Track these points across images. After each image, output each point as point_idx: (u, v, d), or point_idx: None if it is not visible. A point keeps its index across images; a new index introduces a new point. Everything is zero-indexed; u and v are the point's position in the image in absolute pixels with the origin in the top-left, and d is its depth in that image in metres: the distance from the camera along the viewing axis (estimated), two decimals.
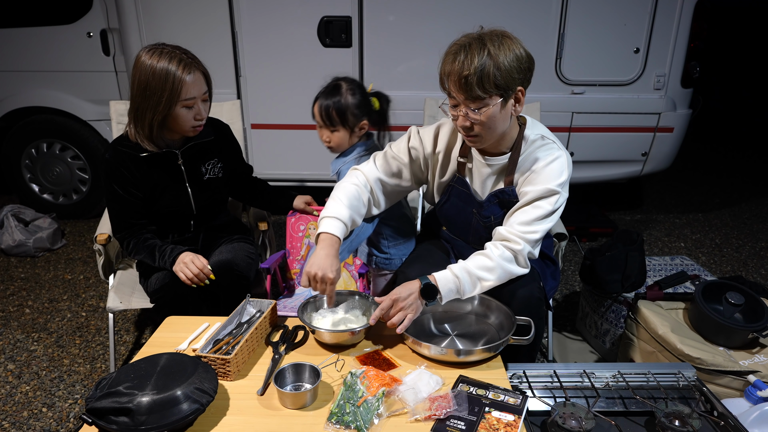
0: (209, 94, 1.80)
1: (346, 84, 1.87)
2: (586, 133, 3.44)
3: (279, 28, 3.22)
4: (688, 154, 4.49)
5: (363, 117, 1.89)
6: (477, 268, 1.52)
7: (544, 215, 1.54)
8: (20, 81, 3.60)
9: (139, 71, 1.70)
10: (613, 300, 2.28)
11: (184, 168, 1.90)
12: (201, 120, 1.79)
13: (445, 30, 3.18)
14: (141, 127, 1.76)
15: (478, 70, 1.39)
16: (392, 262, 1.96)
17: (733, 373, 1.80)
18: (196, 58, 1.75)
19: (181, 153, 1.87)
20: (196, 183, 1.93)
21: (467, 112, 1.46)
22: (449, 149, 1.71)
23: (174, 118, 1.74)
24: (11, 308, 2.85)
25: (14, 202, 3.85)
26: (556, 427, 1.28)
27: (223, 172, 2.00)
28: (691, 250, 3.57)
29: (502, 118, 1.48)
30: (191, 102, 1.73)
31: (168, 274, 1.82)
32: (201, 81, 1.74)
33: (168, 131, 1.81)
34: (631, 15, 3.22)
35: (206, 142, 1.90)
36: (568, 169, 1.56)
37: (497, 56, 1.39)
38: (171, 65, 1.67)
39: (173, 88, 1.69)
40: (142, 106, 1.73)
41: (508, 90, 1.43)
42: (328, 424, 1.22)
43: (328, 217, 1.60)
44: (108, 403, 1.17)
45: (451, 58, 1.43)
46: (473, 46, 1.41)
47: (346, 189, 1.67)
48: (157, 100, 1.70)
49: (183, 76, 1.69)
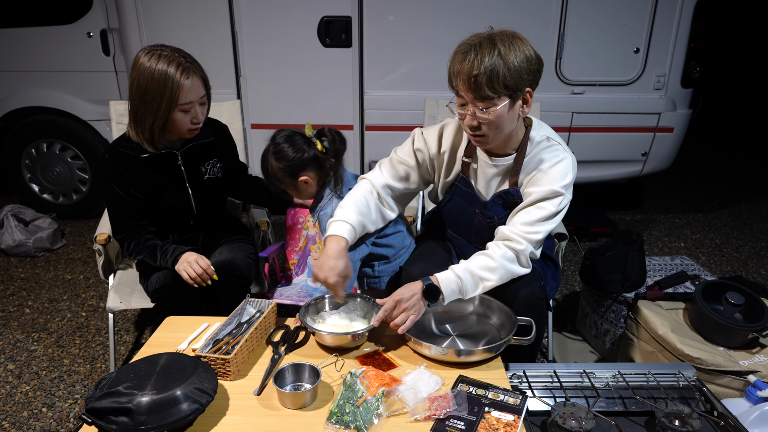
0: (207, 97, 1.79)
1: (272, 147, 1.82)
2: (586, 133, 3.44)
3: (279, 28, 3.22)
4: (688, 153, 4.48)
5: (299, 174, 1.81)
6: (479, 269, 1.52)
7: (548, 216, 1.54)
8: (20, 81, 3.60)
9: (137, 73, 1.69)
10: (613, 300, 2.28)
11: (184, 168, 1.90)
12: (198, 123, 1.78)
13: (445, 30, 3.19)
14: (141, 131, 1.76)
15: (487, 70, 1.38)
16: (381, 280, 1.92)
17: (733, 373, 1.80)
18: (195, 61, 1.74)
19: (181, 154, 1.87)
20: (196, 183, 1.93)
21: (475, 111, 1.46)
22: (454, 149, 1.71)
23: (171, 121, 1.74)
24: (11, 308, 2.85)
25: (14, 202, 3.85)
26: (556, 427, 1.28)
27: (222, 172, 2.00)
28: (691, 250, 3.57)
29: (509, 118, 1.48)
30: (188, 106, 1.73)
31: (169, 274, 1.82)
32: (199, 85, 1.73)
33: (167, 133, 1.81)
34: (631, 15, 3.22)
35: (206, 142, 1.91)
36: (573, 171, 1.56)
37: (507, 56, 1.39)
38: (170, 69, 1.66)
39: (172, 92, 1.67)
40: (141, 110, 1.72)
41: (516, 91, 1.44)
42: (328, 424, 1.22)
43: (335, 221, 1.62)
44: (108, 403, 1.17)
45: (461, 57, 1.43)
46: (483, 45, 1.40)
47: (353, 197, 1.68)
48: (157, 106, 1.69)
49: (181, 81, 1.67)
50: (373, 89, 3.34)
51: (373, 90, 3.34)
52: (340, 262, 1.54)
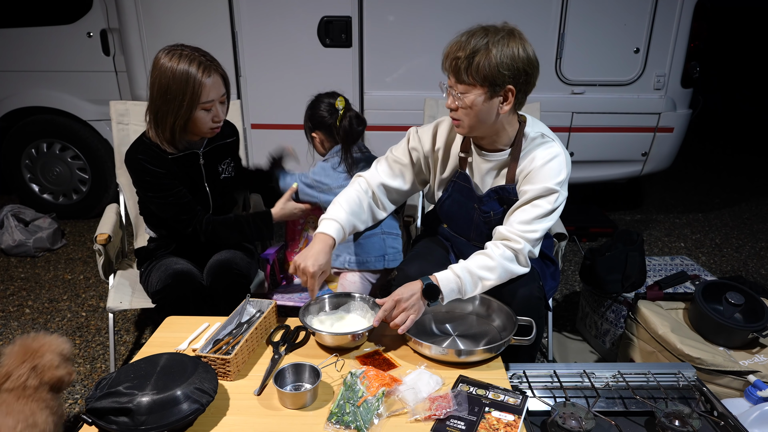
0: (227, 95, 1.81)
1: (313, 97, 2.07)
2: (586, 133, 3.44)
3: (279, 28, 3.22)
4: (688, 153, 4.48)
5: (313, 128, 2.04)
6: (478, 268, 1.53)
7: (544, 214, 1.54)
8: (20, 81, 3.60)
9: (159, 73, 1.69)
10: (613, 300, 2.28)
11: (204, 168, 1.91)
12: (219, 122, 1.80)
13: (445, 30, 3.13)
14: (162, 131, 1.76)
15: (468, 57, 1.44)
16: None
17: (733, 373, 1.80)
18: (215, 60, 1.75)
19: (203, 154, 1.89)
20: (214, 183, 1.95)
21: (456, 93, 1.51)
22: (449, 145, 1.72)
23: (193, 120, 1.75)
24: (11, 308, 2.85)
25: (14, 202, 3.84)
26: (556, 427, 1.28)
27: (235, 172, 2.02)
28: (691, 250, 3.57)
29: (485, 110, 1.50)
30: (210, 105, 1.73)
31: (170, 275, 1.81)
32: (220, 83, 1.74)
33: (187, 132, 1.81)
34: (631, 15, 3.22)
35: (222, 143, 1.93)
36: (567, 167, 1.57)
37: (492, 49, 1.43)
38: (191, 68, 1.67)
39: (194, 91, 1.68)
40: (162, 110, 1.72)
41: (495, 85, 1.46)
42: (328, 424, 1.22)
43: (326, 219, 1.66)
44: (108, 403, 1.17)
45: (455, 39, 1.49)
46: (477, 34, 1.46)
47: (348, 195, 1.72)
48: (179, 104, 1.69)
49: (203, 80, 1.68)
50: (373, 89, 3.34)
51: (373, 90, 3.34)
52: (322, 256, 1.57)
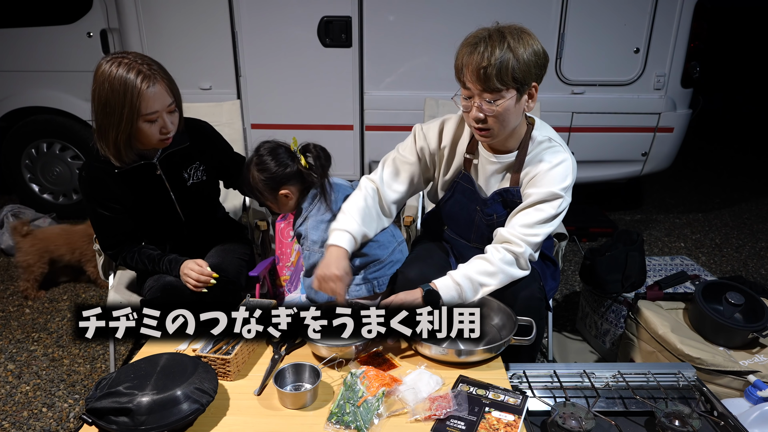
0: (177, 104, 1.67)
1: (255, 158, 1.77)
2: (586, 133, 3.44)
3: (279, 28, 3.22)
4: (688, 153, 4.48)
5: (279, 187, 1.76)
6: (478, 274, 1.52)
7: (547, 219, 1.54)
8: (20, 81, 3.60)
9: (97, 84, 1.58)
10: (613, 300, 2.27)
11: (165, 177, 1.81)
12: (168, 133, 1.66)
13: (445, 30, 3.18)
14: (106, 145, 1.64)
15: (497, 62, 1.39)
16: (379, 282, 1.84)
17: (733, 373, 1.80)
18: (160, 68, 1.62)
19: (159, 163, 1.78)
20: (180, 190, 1.84)
21: (481, 103, 1.45)
22: (454, 143, 1.70)
23: (138, 133, 1.63)
24: (11, 308, 2.85)
25: (14, 202, 3.84)
26: (556, 427, 1.28)
27: (207, 175, 1.90)
28: (691, 250, 3.57)
29: (515, 112, 1.48)
30: (154, 116, 1.61)
31: (159, 287, 1.74)
32: (164, 93, 1.60)
33: (137, 144, 1.70)
34: (631, 15, 3.21)
35: (183, 148, 1.80)
36: (573, 173, 1.56)
37: (517, 50, 1.40)
38: (129, 76, 1.55)
39: (133, 103, 1.55)
40: (104, 124, 1.61)
41: (524, 84, 1.44)
42: (328, 424, 1.22)
43: (337, 230, 1.62)
44: (108, 403, 1.17)
45: (470, 50, 1.43)
46: (494, 37, 1.41)
47: (356, 203, 1.68)
48: (118, 118, 1.57)
49: (143, 89, 1.55)
50: (373, 89, 3.34)
51: (373, 90, 3.34)
52: (343, 260, 1.55)
